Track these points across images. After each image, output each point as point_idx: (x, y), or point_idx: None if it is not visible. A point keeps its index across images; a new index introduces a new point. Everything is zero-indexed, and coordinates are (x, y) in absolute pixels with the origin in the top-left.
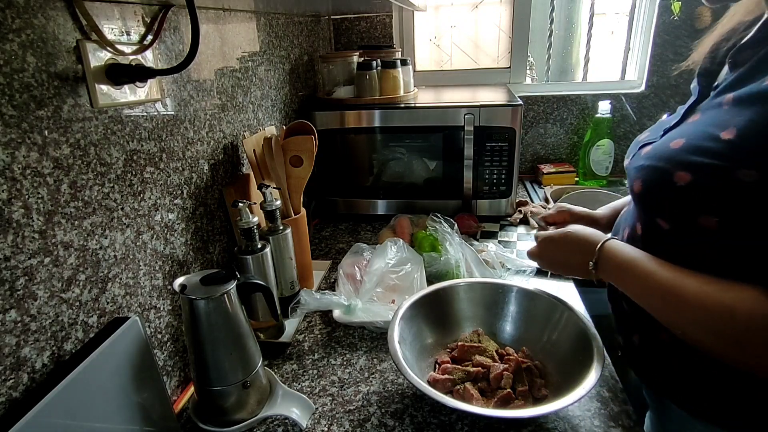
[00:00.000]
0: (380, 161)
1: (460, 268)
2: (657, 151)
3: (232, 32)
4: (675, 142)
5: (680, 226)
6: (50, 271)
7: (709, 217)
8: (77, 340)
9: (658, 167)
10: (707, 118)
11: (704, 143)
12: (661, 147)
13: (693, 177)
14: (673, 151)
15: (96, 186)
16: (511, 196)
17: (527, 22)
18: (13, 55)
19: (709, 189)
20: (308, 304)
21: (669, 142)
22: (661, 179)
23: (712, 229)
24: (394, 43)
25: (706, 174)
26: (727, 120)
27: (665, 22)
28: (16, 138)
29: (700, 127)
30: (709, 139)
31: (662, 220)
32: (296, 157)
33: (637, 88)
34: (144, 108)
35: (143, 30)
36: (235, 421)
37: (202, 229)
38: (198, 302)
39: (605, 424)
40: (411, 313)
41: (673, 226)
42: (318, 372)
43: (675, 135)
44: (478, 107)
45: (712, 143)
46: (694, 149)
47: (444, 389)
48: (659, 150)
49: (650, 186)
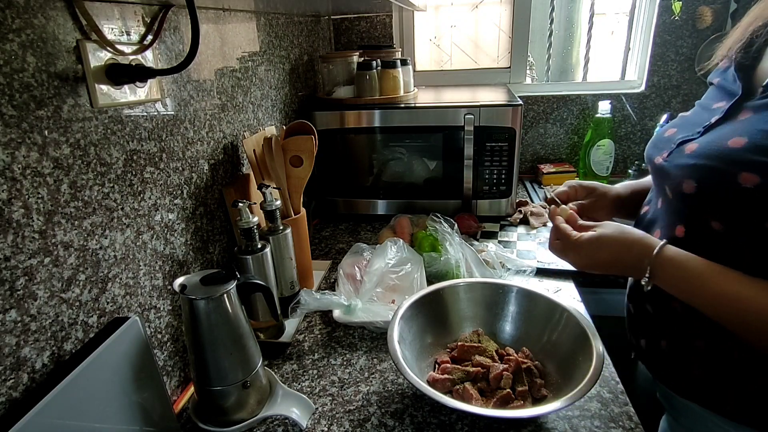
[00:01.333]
0: (380, 161)
1: (460, 268)
2: (711, 150)
3: (232, 32)
4: (734, 141)
5: (739, 228)
6: (50, 271)
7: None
8: (77, 340)
9: (716, 168)
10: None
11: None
12: (715, 146)
13: (763, 179)
14: (733, 150)
15: (96, 186)
16: (511, 196)
17: (527, 22)
18: (13, 55)
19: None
20: (308, 304)
21: (724, 140)
22: (722, 180)
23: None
24: (394, 43)
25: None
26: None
27: (665, 22)
28: (16, 138)
29: (762, 126)
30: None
31: (717, 222)
32: (296, 157)
33: (638, 88)
34: (144, 108)
35: (143, 30)
36: (235, 421)
37: (202, 229)
38: (198, 302)
39: (605, 424)
40: (411, 313)
41: (729, 228)
42: (318, 372)
43: (729, 133)
44: (478, 107)
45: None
46: (761, 149)
47: (443, 389)
48: (714, 149)
49: (707, 187)
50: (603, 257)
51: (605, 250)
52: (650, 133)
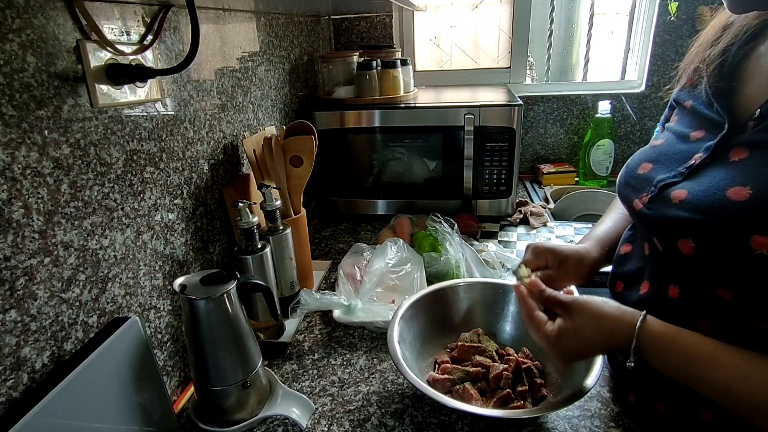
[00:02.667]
0: (380, 161)
1: (460, 268)
2: (708, 203)
3: (232, 32)
4: (735, 192)
5: (753, 298)
6: (50, 271)
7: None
8: (77, 340)
9: (719, 227)
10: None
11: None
12: (712, 197)
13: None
14: (737, 205)
15: (96, 186)
16: (511, 196)
17: (527, 22)
18: (13, 55)
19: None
20: (308, 304)
21: (721, 190)
22: (729, 244)
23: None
24: (394, 43)
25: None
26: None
27: (665, 22)
28: (16, 138)
29: (766, 171)
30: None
31: (726, 290)
32: (296, 157)
33: (637, 88)
34: (144, 108)
35: (143, 30)
36: (235, 421)
37: (202, 229)
38: (198, 302)
39: (605, 424)
40: (411, 313)
41: (740, 297)
42: (318, 372)
43: (725, 179)
44: (478, 107)
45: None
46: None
47: (443, 389)
48: (711, 202)
49: (710, 251)
50: (582, 350)
51: (584, 343)
52: (650, 133)
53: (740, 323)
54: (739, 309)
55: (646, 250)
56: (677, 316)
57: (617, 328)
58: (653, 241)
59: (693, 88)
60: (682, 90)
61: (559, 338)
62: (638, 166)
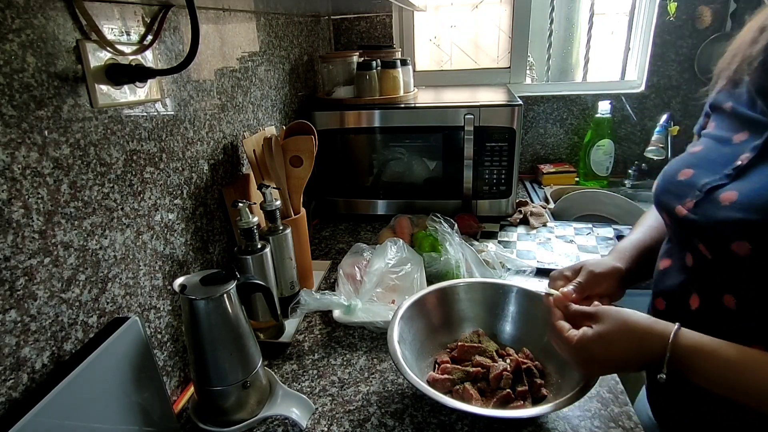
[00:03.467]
0: (380, 161)
1: (460, 268)
2: (763, 201)
3: (232, 32)
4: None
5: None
6: (50, 271)
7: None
8: (77, 341)
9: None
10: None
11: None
12: (767, 196)
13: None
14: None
15: (96, 186)
16: (511, 196)
17: (527, 22)
18: (13, 55)
19: None
20: (308, 304)
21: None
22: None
23: None
24: (394, 43)
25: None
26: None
27: (665, 22)
28: (16, 138)
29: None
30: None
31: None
32: (296, 157)
33: (637, 88)
34: (144, 108)
35: (143, 30)
36: (235, 421)
37: (202, 229)
38: (198, 302)
39: (605, 424)
40: (411, 313)
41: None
42: (318, 372)
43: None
44: (478, 107)
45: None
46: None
47: (443, 389)
48: (766, 200)
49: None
50: (608, 358)
51: (610, 350)
52: (650, 133)
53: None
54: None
55: (689, 262)
56: (734, 330)
57: (648, 338)
58: (699, 249)
59: (733, 89)
60: (720, 92)
61: (581, 343)
62: (678, 173)
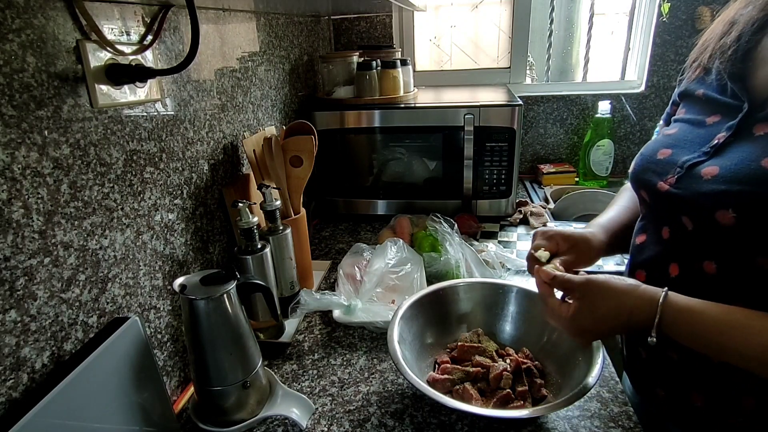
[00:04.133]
0: (380, 161)
1: (460, 268)
2: (744, 174)
3: (232, 32)
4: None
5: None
6: (50, 271)
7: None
8: (77, 341)
9: (759, 194)
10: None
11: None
12: (747, 168)
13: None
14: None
15: (96, 186)
16: (511, 196)
17: (527, 22)
18: (13, 55)
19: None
20: (308, 304)
21: (755, 161)
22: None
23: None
24: (394, 43)
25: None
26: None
27: (665, 22)
28: (16, 138)
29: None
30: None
31: (766, 258)
32: (296, 157)
33: (637, 88)
34: (144, 108)
35: (143, 30)
36: (235, 422)
37: (202, 229)
38: (198, 302)
39: (605, 424)
40: (411, 313)
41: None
42: (318, 372)
43: (756, 152)
44: (478, 107)
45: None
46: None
47: (443, 389)
48: (747, 172)
49: (751, 218)
50: (600, 327)
51: (601, 320)
52: (650, 133)
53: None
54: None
55: (665, 234)
56: (715, 293)
57: (637, 304)
58: (680, 222)
59: (705, 77)
60: (692, 82)
61: (574, 317)
62: (656, 152)
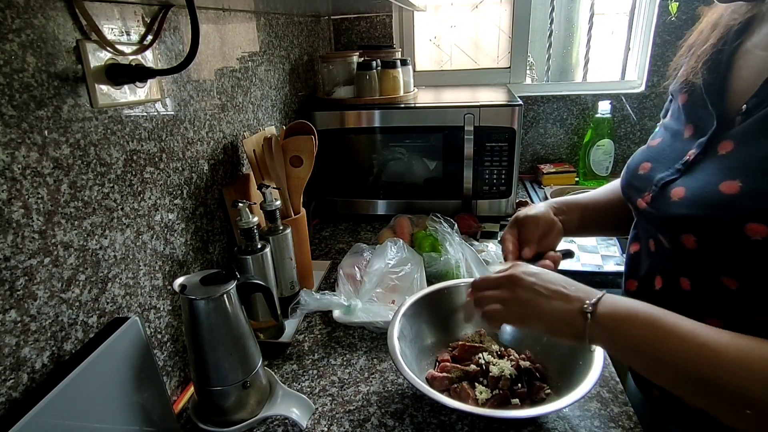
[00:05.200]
0: (380, 161)
1: (460, 268)
2: (704, 198)
3: (232, 32)
4: (727, 186)
5: (755, 285)
6: (50, 271)
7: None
8: (77, 341)
9: (715, 220)
10: (756, 151)
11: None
12: (706, 193)
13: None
14: (729, 198)
15: (96, 186)
16: (511, 196)
17: (527, 22)
18: (13, 55)
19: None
20: (308, 305)
21: (714, 185)
22: (726, 235)
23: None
24: (394, 43)
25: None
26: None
27: (665, 22)
28: (16, 138)
29: (753, 164)
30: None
31: (730, 278)
32: (296, 157)
33: (637, 88)
34: (144, 108)
35: (143, 30)
36: (235, 422)
37: (202, 229)
38: (198, 302)
39: (605, 424)
40: (413, 312)
41: (744, 285)
42: (318, 372)
43: (716, 174)
44: (478, 107)
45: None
46: (759, 194)
47: (441, 387)
48: (706, 197)
49: (711, 243)
50: (535, 313)
51: (536, 317)
52: (650, 133)
53: (746, 315)
54: (744, 298)
55: (652, 247)
56: (691, 310)
57: (573, 285)
58: (659, 238)
59: (689, 83)
60: (680, 82)
61: (501, 313)
62: (638, 167)
